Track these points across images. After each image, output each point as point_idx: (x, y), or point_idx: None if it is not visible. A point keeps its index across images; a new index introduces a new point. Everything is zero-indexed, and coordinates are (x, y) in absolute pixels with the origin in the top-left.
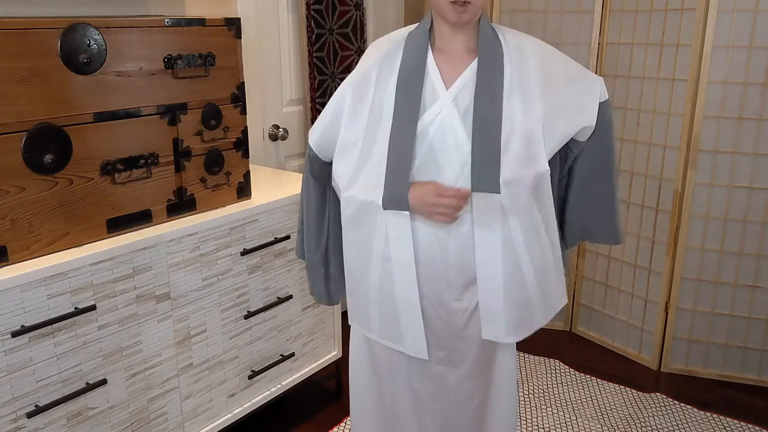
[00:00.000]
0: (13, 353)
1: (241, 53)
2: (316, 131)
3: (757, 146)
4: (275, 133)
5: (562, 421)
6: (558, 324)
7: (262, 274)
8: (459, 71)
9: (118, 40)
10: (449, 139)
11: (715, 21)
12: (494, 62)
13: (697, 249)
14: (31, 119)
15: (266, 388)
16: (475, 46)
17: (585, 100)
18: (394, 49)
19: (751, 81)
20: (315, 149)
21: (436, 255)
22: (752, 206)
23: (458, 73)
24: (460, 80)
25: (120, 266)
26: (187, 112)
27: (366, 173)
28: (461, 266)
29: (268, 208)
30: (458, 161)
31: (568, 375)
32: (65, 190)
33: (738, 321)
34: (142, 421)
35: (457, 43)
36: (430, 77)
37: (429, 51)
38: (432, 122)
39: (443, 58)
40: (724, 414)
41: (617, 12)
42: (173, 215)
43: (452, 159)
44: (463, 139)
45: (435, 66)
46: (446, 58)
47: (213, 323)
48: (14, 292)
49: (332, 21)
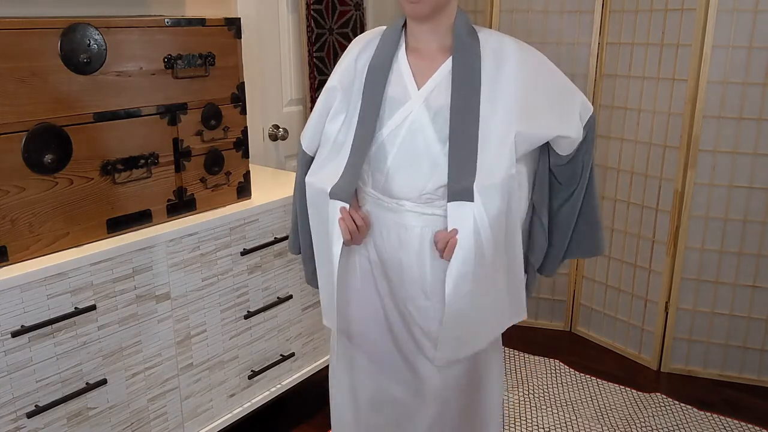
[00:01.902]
0: (13, 353)
1: (241, 53)
2: (307, 134)
3: (757, 146)
4: (275, 133)
5: (562, 421)
6: (558, 324)
7: (262, 274)
8: (431, 71)
9: (118, 40)
10: (419, 140)
11: (715, 21)
12: (469, 62)
13: (697, 249)
14: (31, 119)
15: (266, 388)
16: (449, 45)
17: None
18: (369, 46)
19: (751, 81)
20: (309, 152)
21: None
22: (752, 206)
23: (431, 72)
24: (431, 80)
25: (120, 266)
26: (187, 112)
27: (332, 165)
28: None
29: (268, 208)
30: (428, 162)
31: (568, 375)
32: (65, 190)
33: (738, 321)
34: (142, 421)
35: (429, 42)
36: (402, 76)
37: (402, 49)
38: (403, 122)
39: (416, 57)
40: (724, 414)
41: (617, 12)
42: (173, 215)
43: (423, 159)
44: (432, 140)
45: (407, 65)
46: (419, 57)
47: (213, 323)
48: (14, 292)
49: (332, 21)
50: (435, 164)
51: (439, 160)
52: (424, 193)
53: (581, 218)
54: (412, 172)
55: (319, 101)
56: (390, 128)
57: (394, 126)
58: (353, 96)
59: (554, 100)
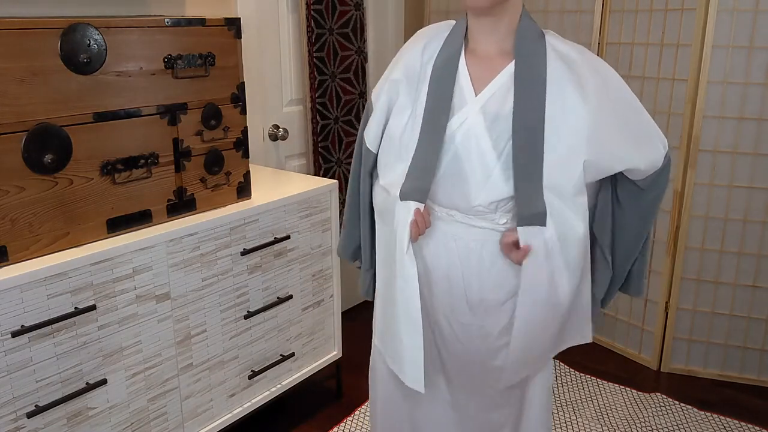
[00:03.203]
0: (13, 353)
1: (241, 53)
2: (371, 131)
3: (757, 146)
4: (275, 133)
5: (562, 421)
6: None
7: (262, 274)
8: (490, 76)
9: (118, 40)
10: (473, 148)
11: (715, 21)
12: (532, 68)
13: (697, 249)
14: (31, 119)
15: (266, 388)
16: (510, 48)
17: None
18: (436, 39)
19: (751, 81)
20: (373, 149)
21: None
22: (752, 206)
23: (490, 77)
24: (490, 86)
25: (120, 266)
26: (187, 112)
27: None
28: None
29: (268, 208)
30: (482, 172)
31: (568, 375)
32: (65, 190)
33: (738, 321)
34: (142, 421)
35: (488, 44)
36: (459, 81)
37: (462, 52)
38: (458, 129)
39: (475, 60)
40: (724, 414)
41: (617, 12)
42: (173, 215)
43: (476, 169)
44: (487, 149)
45: (465, 69)
46: (478, 60)
47: (213, 323)
48: (14, 292)
49: (332, 21)
50: (488, 176)
51: (493, 172)
52: (475, 204)
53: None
54: (462, 182)
55: (381, 95)
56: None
57: (449, 132)
58: (419, 91)
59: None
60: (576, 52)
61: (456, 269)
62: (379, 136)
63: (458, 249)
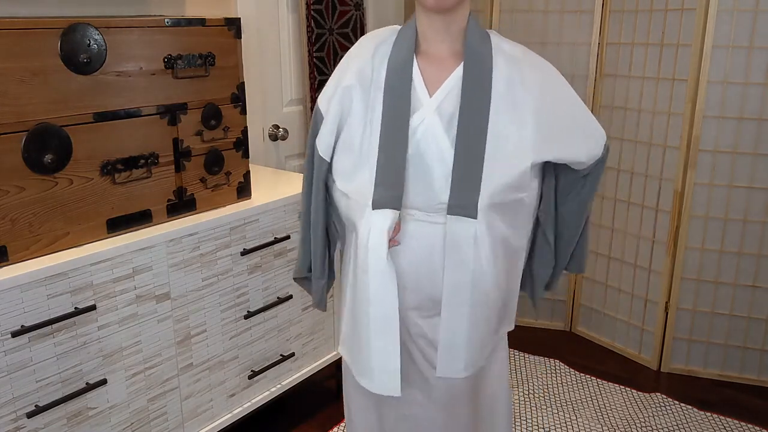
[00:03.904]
0: (13, 353)
1: (241, 53)
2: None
3: (757, 146)
4: (275, 133)
5: (562, 421)
6: (558, 324)
7: (262, 274)
8: (443, 77)
9: (118, 40)
10: (433, 148)
11: (715, 21)
12: (481, 68)
13: (697, 249)
14: (31, 119)
15: (266, 388)
16: (461, 49)
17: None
18: (385, 43)
19: (751, 81)
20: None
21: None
22: (752, 206)
23: (442, 78)
24: (443, 87)
25: (120, 266)
26: (187, 112)
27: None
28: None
29: (268, 208)
30: (442, 171)
31: (568, 375)
32: (65, 190)
33: (738, 321)
34: (142, 421)
35: (440, 45)
36: (413, 83)
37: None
38: (416, 130)
39: (427, 62)
40: (724, 414)
41: (617, 12)
42: (173, 215)
43: (436, 169)
44: (446, 148)
45: (418, 71)
46: (430, 62)
47: (213, 323)
48: (14, 292)
49: (332, 21)
50: (448, 174)
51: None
52: (436, 203)
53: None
54: (424, 182)
55: (333, 102)
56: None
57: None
58: (374, 96)
59: (575, 122)
60: (520, 51)
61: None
62: (331, 144)
63: (420, 247)
